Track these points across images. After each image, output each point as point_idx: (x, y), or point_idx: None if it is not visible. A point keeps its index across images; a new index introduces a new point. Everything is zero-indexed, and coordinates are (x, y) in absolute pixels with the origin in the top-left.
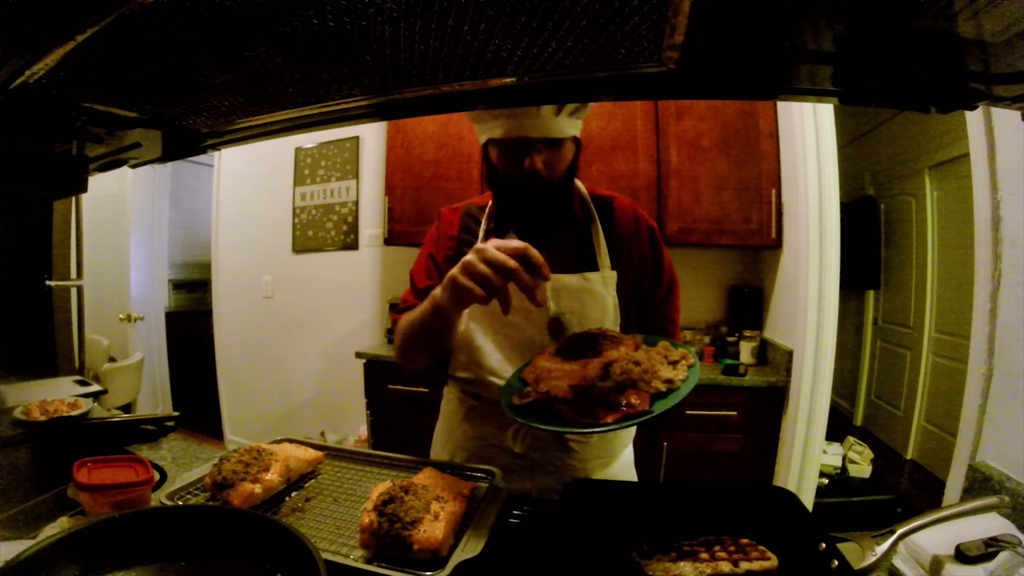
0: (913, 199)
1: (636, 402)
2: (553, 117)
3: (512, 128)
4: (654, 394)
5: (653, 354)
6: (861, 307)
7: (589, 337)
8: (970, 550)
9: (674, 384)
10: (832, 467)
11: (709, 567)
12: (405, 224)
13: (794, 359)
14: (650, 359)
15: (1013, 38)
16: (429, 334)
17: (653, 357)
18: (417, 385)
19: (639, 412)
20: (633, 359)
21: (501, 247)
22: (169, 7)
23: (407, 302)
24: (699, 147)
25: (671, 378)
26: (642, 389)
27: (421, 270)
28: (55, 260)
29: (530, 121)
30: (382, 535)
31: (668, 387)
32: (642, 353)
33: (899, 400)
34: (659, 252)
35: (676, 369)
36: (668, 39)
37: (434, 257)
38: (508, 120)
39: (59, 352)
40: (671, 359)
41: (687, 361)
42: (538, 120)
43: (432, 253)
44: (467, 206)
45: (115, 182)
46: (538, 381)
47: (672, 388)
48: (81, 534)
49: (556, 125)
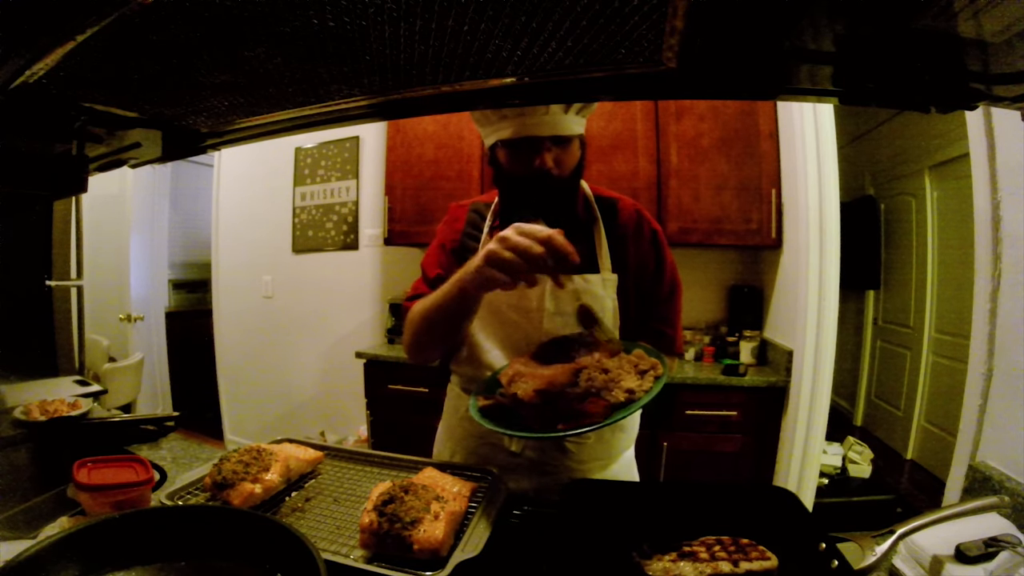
0: (913, 199)
1: (592, 410)
2: (562, 115)
3: (522, 128)
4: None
5: (623, 362)
6: (861, 307)
7: (564, 342)
8: (970, 550)
9: (635, 395)
10: (832, 467)
11: (709, 567)
12: (405, 224)
13: (794, 359)
14: (619, 367)
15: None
16: (448, 320)
17: (623, 365)
18: (417, 385)
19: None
20: (602, 367)
21: (527, 232)
22: (169, 7)
23: (418, 290)
24: (699, 147)
25: (632, 388)
26: (603, 398)
27: (433, 260)
28: (55, 260)
29: (540, 120)
30: (382, 535)
31: (628, 397)
32: (613, 360)
33: (899, 400)
34: (661, 254)
35: (643, 379)
36: (668, 39)
37: (445, 247)
38: (517, 120)
39: (59, 352)
40: (641, 368)
41: (655, 372)
42: (547, 118)
43: (443, 243)
44: (474, 203)
45: (115, 182)
46: (510, 383)
47: (632, 399)
48: (81, 534)
49: (565, 123)
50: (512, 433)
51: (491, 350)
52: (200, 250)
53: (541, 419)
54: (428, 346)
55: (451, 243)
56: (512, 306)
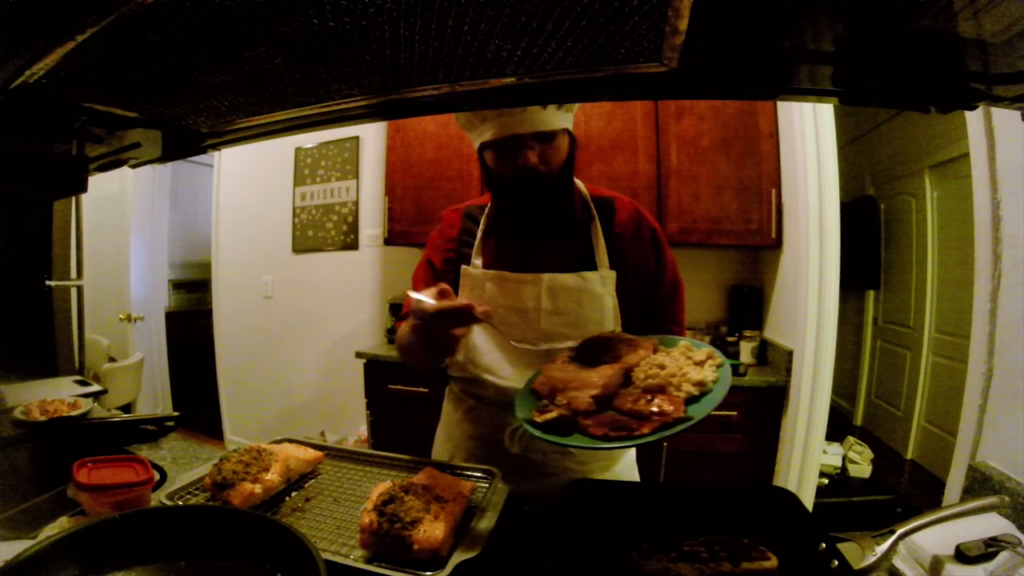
0: (913, 199)
1: (670, 409)
2: (541, 111)
3: (503, 127)
4: (686, 398)
5: (676, 356)
6: (861, 307)
7: (603, 342)
8: (970, 550)
9: (706, 386)
10: (832, 467)
11: (709, 567)
12: (405, 224)
13: (794, 359)
14: (675, 361)
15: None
16: (426, 356)
17: (677, 359)
18: (417, 385)
19: (676, 419)
20: (656, 363)
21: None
22: (169, 7)
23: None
24: (699, 147)
25: (702, 380)
26: (671, 394)
27: (419, 276)
28: (55, 260)
29: (519, 117)
30: (382, 535)
31: (700, 390)
32: (664, 355)
33: (899, 400)
34: (661, 253)
35: (704, 370)
36: (668, 39)
37: (432, 263)
38: (497, 120)
39: (59, 352)
40: (695, 360)
41: (714, 361)
42: (527, 115)
43: (430, 259)
44: (468, 207)
45: (115, 182)
46: (554, 393)
47: (704, 391)
48: (81, 534)
49: (544, 118)
50: (604, 446)
51: (489, 352)
52: (200, 250)
53: (609, 426)
54: (420, 365)
55: (445, 252)
56: (509, 307)
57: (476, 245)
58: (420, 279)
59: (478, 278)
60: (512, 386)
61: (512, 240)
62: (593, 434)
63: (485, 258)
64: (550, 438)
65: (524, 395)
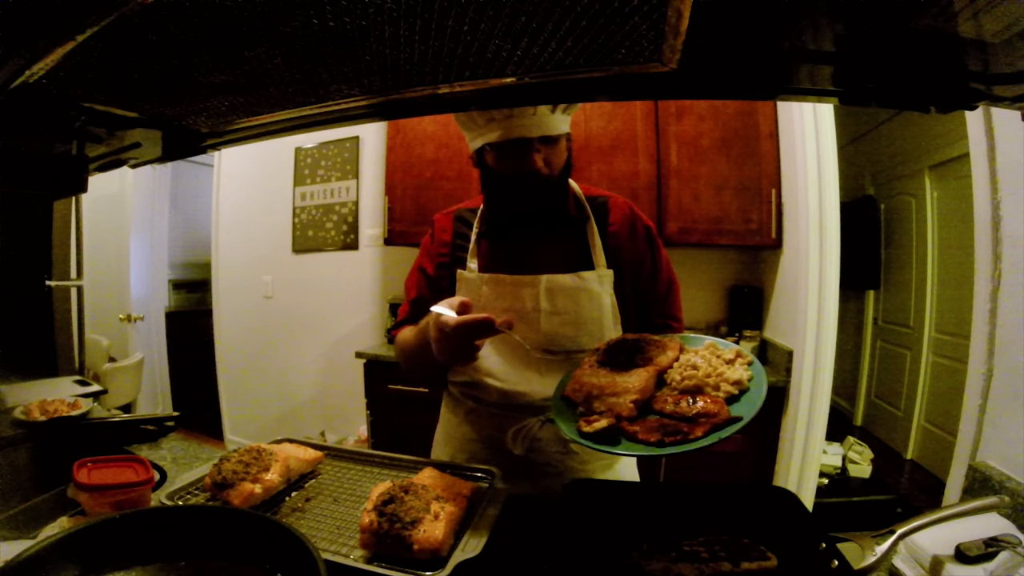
0: (913, 199)
1: (715, 409)
2: (549, 115)
3: (511, 130)
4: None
5: (706, 355)
6: (861, 307)
7: (632, 344)
8: (970, 550)
9: (743, 385)
10: (832, 467)
11: (709, 567)
12: (405, 224)
13: (794, 359)
14: (707, 361)
15: (1013, 38)
16: (430, 365)
17: (709, 359)
18: (417, 385)
19: (727, 419)
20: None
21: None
22: (169, 7)
23: (405, 313)
24: (699, 147)
25: (739, 379)
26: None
27: (412, 282)
28: (55, 260)
29: (527, 121)
30: (382, 535)
31: (739, 389)
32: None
33: (899, 400)
34: (656, 251)
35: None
36: (668, 39)
37: (424, 270)
38: (505, 122)
39: (59, 352)
40: (725, 359)
41: (743, 359)
42: (536, 119)
43: (423, 265)
44: (459, 210)
45: (115, 182)
46: (590, 399)
47: (742, 389)
48: (81, 534)
49: (552, 122)
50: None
51: (489, 355)
52: (200, 250)
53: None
54: (419, 374)
55: (439, 257)
56: (507, 310)
57: (471, 248)
58: (413, 287)
59: (474, 281)
60: (514, 389)
61: (508, 242)
62: (645, 440)
63: (481, 261)
64: (604, 448)
65: (559, 407)
